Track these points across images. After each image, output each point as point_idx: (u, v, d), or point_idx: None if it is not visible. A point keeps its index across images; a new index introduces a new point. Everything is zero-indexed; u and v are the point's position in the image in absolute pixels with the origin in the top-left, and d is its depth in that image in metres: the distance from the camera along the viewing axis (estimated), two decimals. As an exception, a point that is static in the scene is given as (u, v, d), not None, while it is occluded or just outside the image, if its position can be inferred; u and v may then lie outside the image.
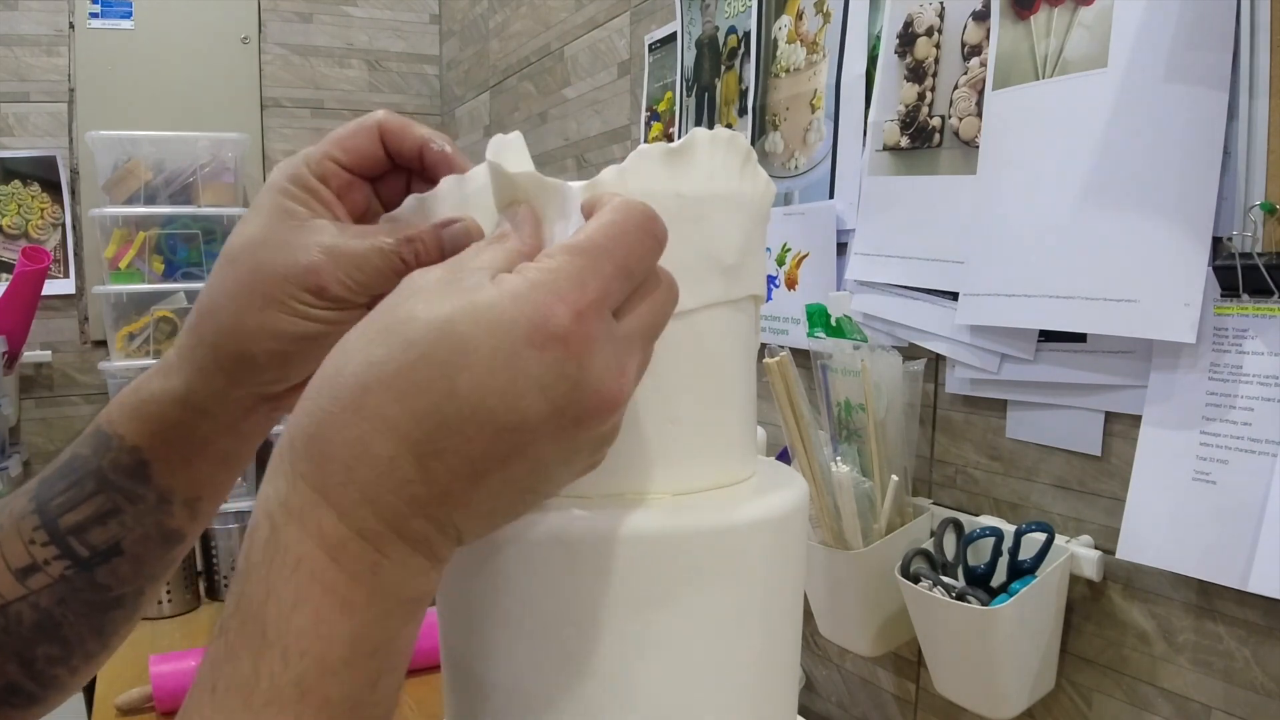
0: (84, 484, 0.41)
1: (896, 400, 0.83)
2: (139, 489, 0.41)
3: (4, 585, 0.40)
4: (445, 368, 0.28)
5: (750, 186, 0.42)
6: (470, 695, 0.42)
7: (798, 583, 0.45)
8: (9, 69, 1.92)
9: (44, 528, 0.41)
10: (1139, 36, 0.66)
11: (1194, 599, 0.66)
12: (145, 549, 0.42)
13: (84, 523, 0.41)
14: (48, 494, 0.41)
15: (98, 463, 0.41)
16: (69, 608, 0.41)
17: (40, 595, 0.41)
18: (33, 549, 0.41)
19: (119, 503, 0.41)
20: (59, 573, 0.41)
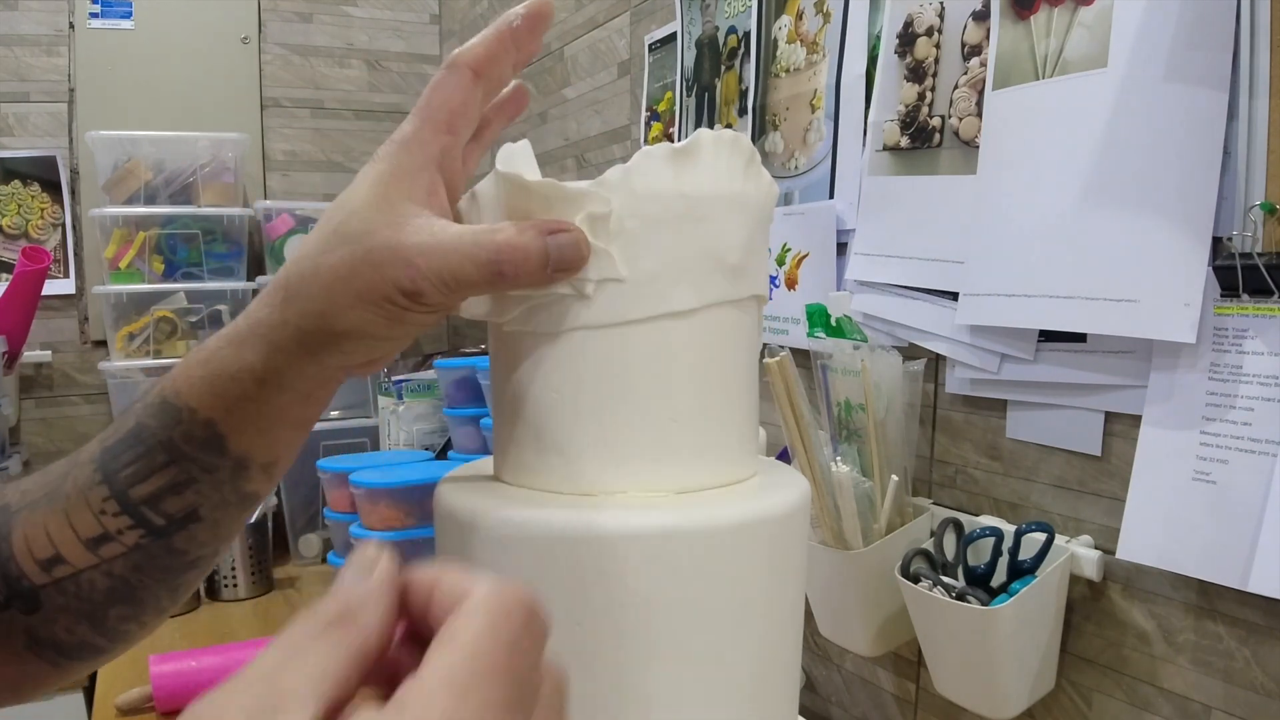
0: (154, 455, 0.40)
1: (896, 400, 0.83)
2: (214, 459, 0.41)
3: (75, 555, 0.41)
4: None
5: (754, 187, 0.42)
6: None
7: (798, 583, 0.45)
8: (9, 69, 1.92)
9: (114, 498, 0.40)
10: (1139, 36, 0.66)
11: (1194, 599, 0.66)
12: (223, 513, 0.42)
13: (157, 493, 0.41)
14: (114, 465, 0.41)
15: (168, 435, 0.40)
16: (144, 573, 0.42)
17: (114, 563, 0.41)
18: (104, 519, 0.40)
19: (194, 473, 0.41)
20: (134, 541, 0.41)
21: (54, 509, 0.41)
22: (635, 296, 0.39)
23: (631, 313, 0.39)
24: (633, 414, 0.40)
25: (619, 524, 0.38)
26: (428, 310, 0.37)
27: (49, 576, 0.41)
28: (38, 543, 0.41)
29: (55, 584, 0.41)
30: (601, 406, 0.40)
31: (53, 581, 0.41)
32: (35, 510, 0.41)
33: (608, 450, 0.40)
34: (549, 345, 0.40)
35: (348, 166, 2.21)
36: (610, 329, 0.39)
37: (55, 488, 0.41)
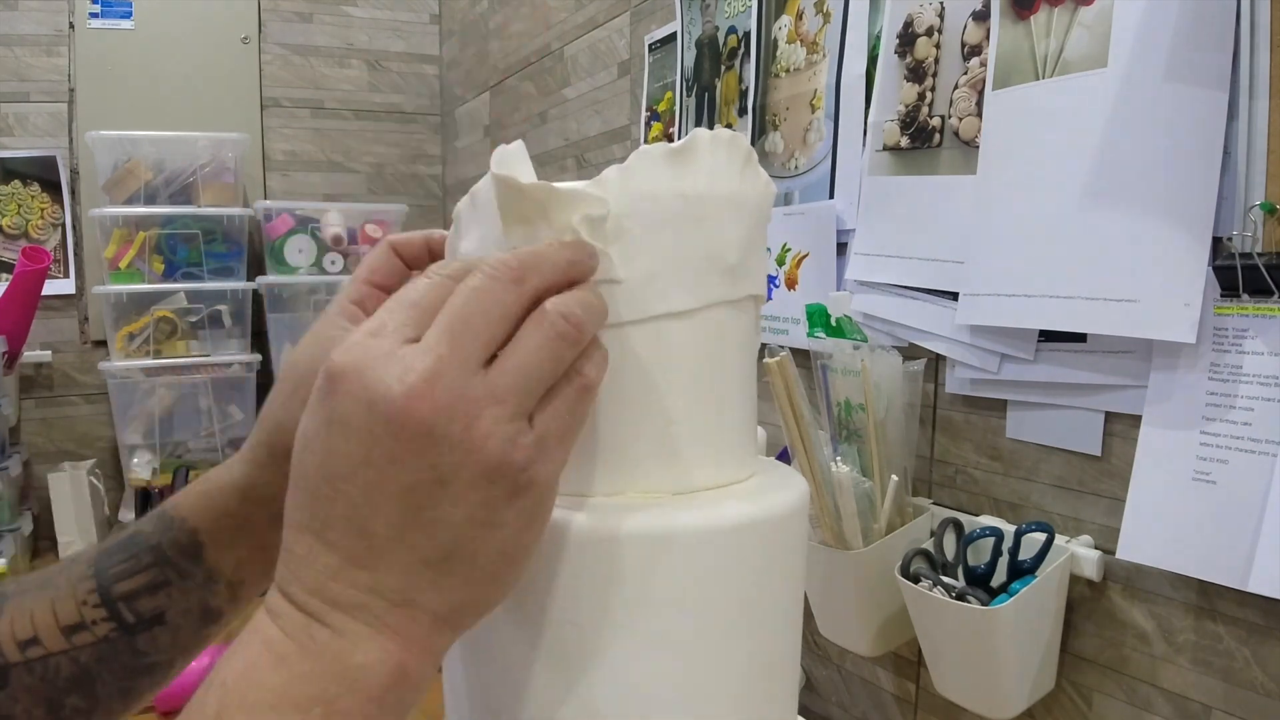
0: (141, 557, 0.45)
1: (896, 400, 0.83)
2: (190, 567, 0.46)
3: (50, 639, 0.44)
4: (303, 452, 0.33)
5: (751, 187, 0.42)
6: (470, 695, 0.42)
7: (798, 583, 0.45)
8: (9, 69, 1.92)
9: (98, 591, 0.45)
10: (1139, 36, 0.66)
11: (1194, 599, 0.66)
12: (186, 621, 0.46)
13: (135, 591, 0.45)
14: (106, 563, 0.46)
15: (158, 539, 0.46)
16: (105, 666, 0.45)
17: (81, 651, 0.44)
18: (84, 609, 0.45)
19: (170, 576, 0.45)
20: (104, 634, 0.45)
21: (43, 597, 0.45)
22: (633, 297, 0.39)
23: (629, 313, 0.39)
24: (631, 415, 0.40)
25: (618, 525, 0.38)
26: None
27: (22, 656, 0.44)
28: (20, 625, 0.44)
29: (26, 664, 0.44)
30: (599, 407, 0.40)
31: (24, 661, 0.44)
32: (25, 597, 0.45)
33: (607, 451, 0.40)
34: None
35: (348, 166, 2.21)
36: (608, 329, 0.39)
37: (49, 579, 0.46)
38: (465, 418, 0.31)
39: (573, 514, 0.39)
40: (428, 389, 0.31)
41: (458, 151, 2.19)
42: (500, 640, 0.40)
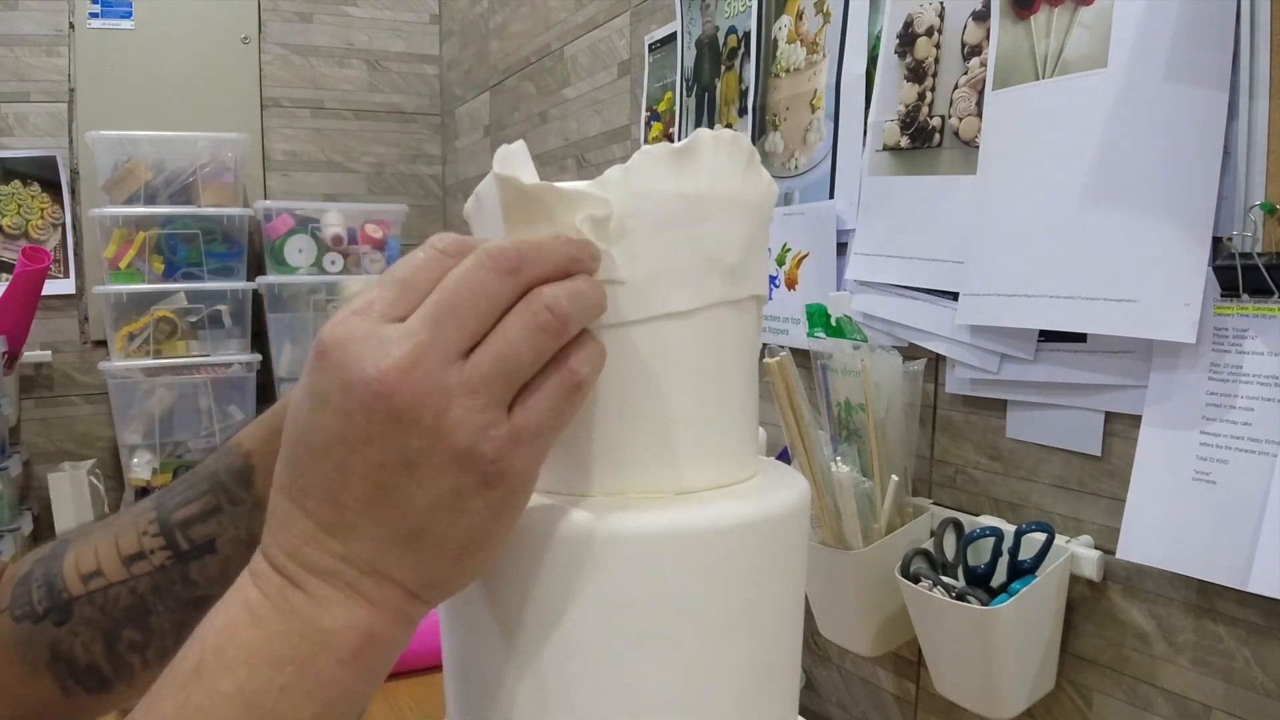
0: (199, 485, 0.47)
1: (896, 400, 0.83)
2: (241, 493, 0.46)
3: (111, 569, 0.46)
4: (291, 421, 0.34)
5: (753, 187, 0.42)
6: (471, 694, 0.42)
7: (798, 583, 0.45)
8: (9, 69, 1.92)
9: (157, 520, 0.46)
10: (1139, 36, 0.66)
11: (1194, 599, 0.66)
12: (234, 551, 0.47)
13: (190, 518, 0.46)
14: (168, 496, 0.47)
15: (215, 467, 0.47)
16: (160, 597, 0.47)
17: (139, 581, 0.46)
18: (144, 539, 0.46)
19: (221, 502, 0.46)
20: (160, 562, 0.46)
21: (107, 532, 0.47)
22: (634, 297, 0.39)
23: (631, 313, 0.39)
24: (632, 414, 0.40)
25: (618, 525, 0.38)
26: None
27: (85, 589, 0.46)
28: (85, 559, 0.46)
29: (88, 595, 0.46)
30: (601, 407, 0.40)
31: (86, 594, 0.46)
32: (90, 535, 0.47)
33: (607, 451, 0.40)
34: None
35: (348, 166, 2.21)
36: (609, 329, 0.39)
37: (115, 518, 0.48)
38: (437, 406, 0.31)
39: (573, 514, 0.39)
40: (402, 375, 0.31)
41: (458, 151, 2.19)
42: (501, 640, 0.40)
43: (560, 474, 0.41)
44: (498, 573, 0.39)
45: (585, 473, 0.41)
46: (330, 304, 1.96)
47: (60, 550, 0.47)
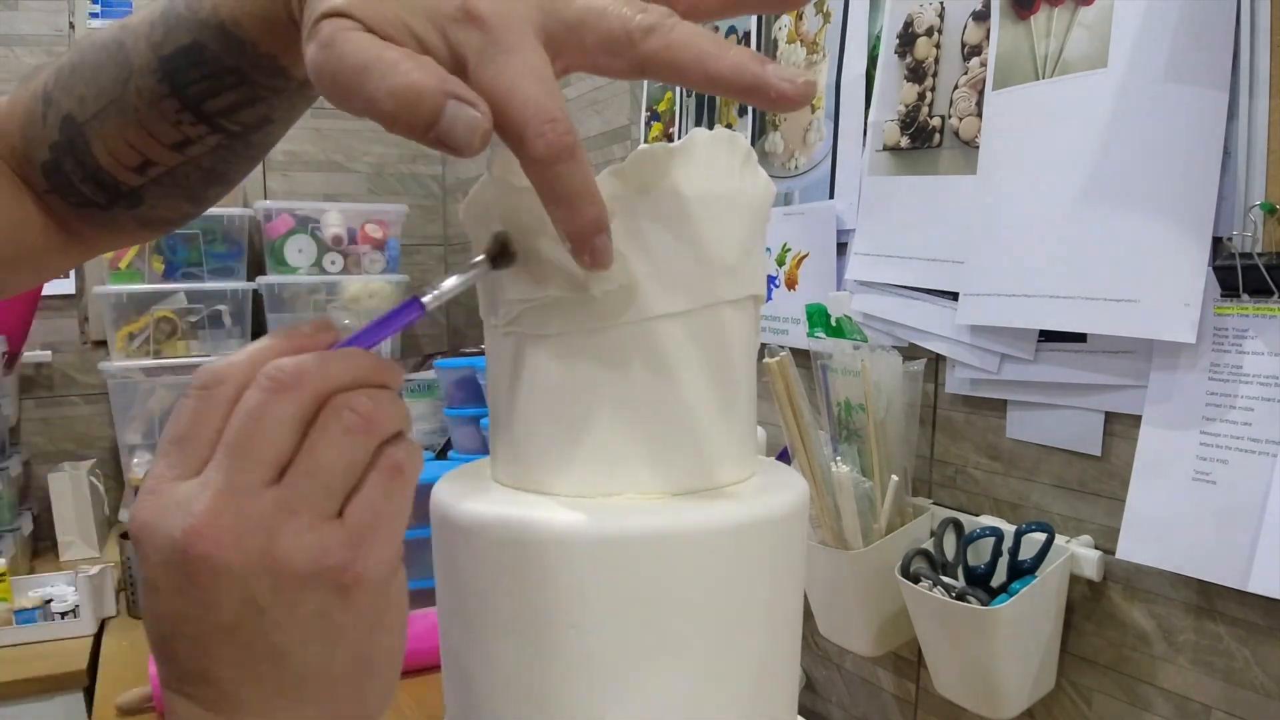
0: (221, 77, 0.40)
1: (896, 400, 0.83)
2: (281, 82, 0.41)
3: (162, 157, 0.43)
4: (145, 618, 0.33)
5: (750, 186, 0.42)
6: (470, 695, 0.42)
7: (798, 583, 0.45)
8: (9, 69, 1.92)
9: (188, 110, 0.41)
10: (1139, 36, 0.66)
11: (1194, 599, 0.66)
12: (295, 113, 0.44)
13: (230, 107, 0.42)
14: (182, 79, 0.41)
15: (233, 62, 0.40)
16: (230, 162, 0.45)
17: (201, 159, 0.44)
18: (183, 128, 0.42)
19: (261, 92, 0.41)
20: (215, 143, 0.43)
21: (127, 120, 0.42)
22: (632, 297, 0.39)
23: (628, 314, 0.39)
24: (630, 415, 0.40)
25: (617, 526, 0.38)
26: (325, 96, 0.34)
27: (144, 177, 0.44)
28: (122, 152, 0.43)
29: (153, 181, 0.44)
30: (598, 408, 0.40)
31: (150, 180, 0.44)
32: (107, 121, 0.42)
33: (605, 452, 0.40)
34: (546, 347, 0.40)
35: (348, 166, 2.21)
36: (607, 330, 0.39)
37: (118, 96, 0.42)
38: (261, 542, 0.30)
39: (572, 515, 0.38)
40: (210, 526, 0.29)
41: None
42: (500, 640, 0.40)
43: (558, 476, 0.41)
44: (496, 573, 0.39)
45: (584, 473, 0.41)
46: (330, 304, 1.96)
47: (78, 140, 0.43)
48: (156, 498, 0.31)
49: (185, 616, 0.30)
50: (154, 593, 0.31)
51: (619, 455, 0.40)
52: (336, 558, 0.31)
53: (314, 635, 0.31)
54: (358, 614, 0.32)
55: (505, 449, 0.43)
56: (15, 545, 1.66)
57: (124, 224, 0.47)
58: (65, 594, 1.54)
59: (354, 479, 0.32)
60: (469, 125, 0.30)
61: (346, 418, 0.31)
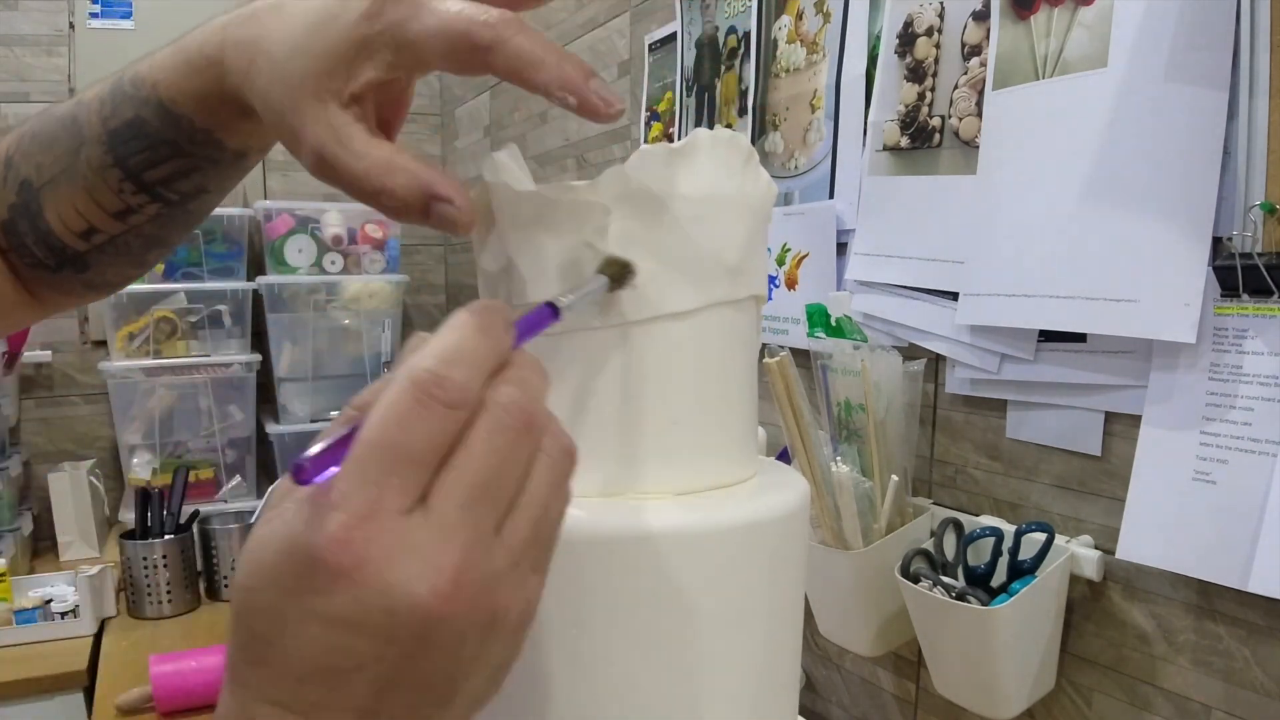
0: (159, 149, 0.44)
1: (896, 400, 0.83)
2: (217, 153, 0.44)
3: (107, 225, 0.46)
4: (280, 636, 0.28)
5: (752, 187, 0.42)
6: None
7: (798, 583, 0.45)
8: (9, 69, 1.92)
9: (130, 180, 0.44)
10: (1139, 36, 0.66)
11: (1194, 599, 0.66)
12: (229, 183, 0.47)
13: (167, 178, 0.45)
14: (125, 150, 0.44)
15: (172, 135, 0.43)
16: (169, 229, 0.48)
17: (142, 226, 0.46)
18: (124, 197, 0.45)
19: (199, 163, 0.45)
20: (155, 211, 0.46)
21: (76, 186, 0.45)
22: (633, 297, 0.39)
23: (630, 314, 0.39)
24: (631, 415, 0.40)
25: (618, 525, 0.38)
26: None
27: (89, 244, 0.46)
28: (70, 218, 0.46)
29: (97, 249, 0.47)
30: (600, 408, 0.40)
31: (94, 248, 0.47)
32: (58, 187, 0.45)
33: (606, 452, 0.40)
34: (547, 347, 0.40)
35: (348, 166, 2.21)
36: (608, 330, 0.39)
37: (69, 165, 0.45)
38: (490, 600, 0.29)
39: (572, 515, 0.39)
40: (456, 588, 0.28)
41: (457, 151, 2.19)
42: (500, 640, 0.40)
43: None
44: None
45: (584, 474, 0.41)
46: (330, 304, 1.96)
47: (33, 204, 0.46)
48: (380, 530, 0.27)
49: (380, 660, 0.28)
50: (343, 629, 0.27)
51: (619, 455, 0.40)
52: (534, 608, 0.31)
53: (485, 673, 0.31)
54: (520, 648, 0.32)
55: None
56: (15, 545, 1.66)
57: (71, 286, 0.49)
58: (65, 594, 1.54)
59: (559, 526, 0.32)
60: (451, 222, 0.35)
61: (564, 464, 0.31)
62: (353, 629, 0.27)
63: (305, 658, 0.28)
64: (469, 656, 0.29)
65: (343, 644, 0.28)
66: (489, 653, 0.30)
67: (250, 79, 0.38)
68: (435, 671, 0.29)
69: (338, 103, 0.36)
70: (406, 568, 0.27)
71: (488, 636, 0.29)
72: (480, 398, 0.29)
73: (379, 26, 0.35)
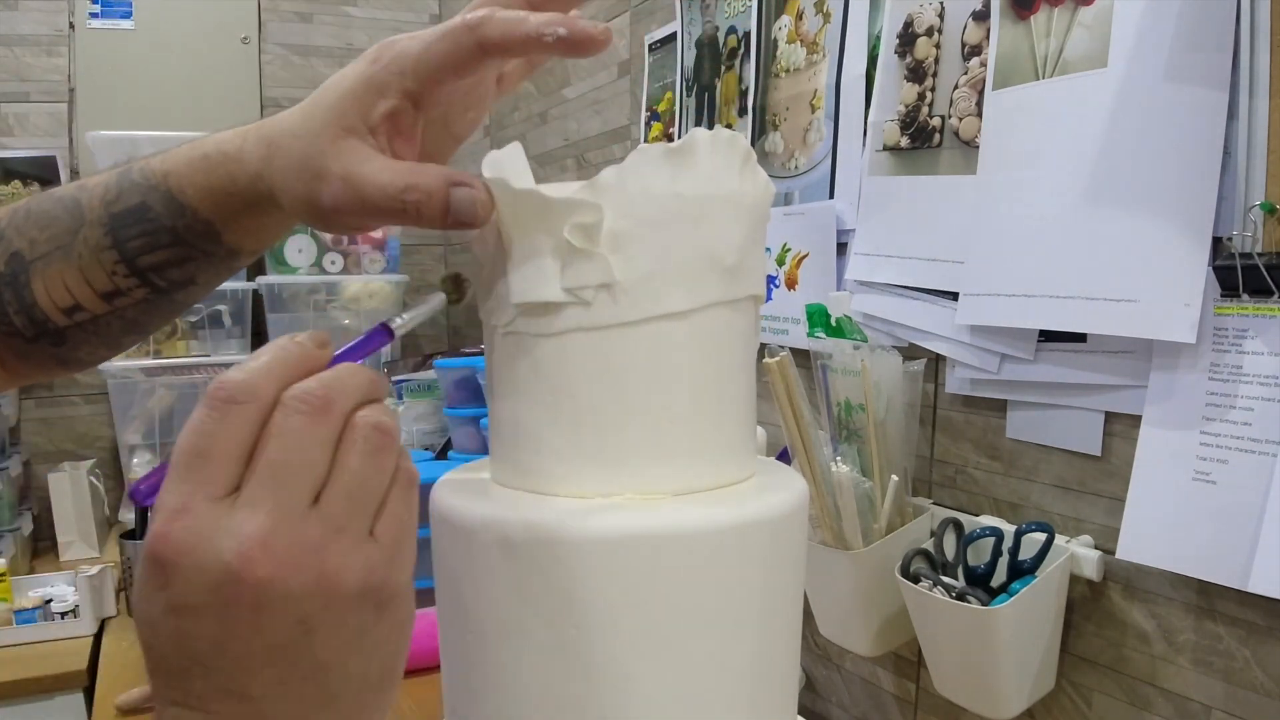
0: (158, 235, 0.46)
1: (896, 400, 0.83)
2: (211, 247, 0.47)
3: (91, 304, 0.47)
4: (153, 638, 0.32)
5: (750, 186, 0.42)
6: (470, 695, 0.42)
7: (798, 583, 0.45)
8: (9, 69, 1.92)
9: (124, 263, 0.46)
10: (1139, 36, 0.66)
11: (1194, 599, 0.66)
12: (216, 279, 0.49)
13: (161, 265, 0.47)
14: (124, 235, 0.46)
15: (173, 223, 0.46)
16: (151, 315, 0.49)
17: (125, 311, 0.48)
18: (115, 279, 0.47)
19: (193, 254, 0.47)
20: (141, 296, 0.48)
21: (69, 264, 0.47)
22: (631, 298, 0.39)
23: (628, 314, 0.39)
24: (630, 416, 0.40)
25: (617, 526, 0.38)
26: (348, 226, 0.42)
27: (71, 320, 0.48)
28: (58, 293, 0.47)
29: (77, 325, 0.48)
30: (598, 409, 0.40)
31: (75, 324, 0.48)
32: (51, 263, 0.47)
33: (605, 453, 0.40)
34: (545, 347, 0.40)
35: (348, 166, 2.21)
36: (606, 330, 0.39)
37: (66, 244, 0.47)
38: (313, 564, 0.31)
39: (573, 515, 0.38)
40: (265, 551, 0.30)
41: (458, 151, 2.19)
42: (501, 643, 0.40)
43: (557, 476, 0.41)
44: (496, 573, 0.39)
45: (584, 474, 0.41)
46: (330, 304, 1.96)
47: (21, 275, 0.47)
48: (191, 518, 0.30)
49: (229, 637, 0.30)
50: (187, 614, 0.30)
51: (619, 455, 0.40)
52: (379, 575, 0.32)
53: (354, 650, 0.32)
54: (391, 626, 0.33)
55: (505, 449, 0.43)
56: (15, 545, 1.66)
57: (43, 359, 0.50)
58: (65, 594, 1.54)
59: (381, 495, 0.33)
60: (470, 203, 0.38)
61: (375, 438, 0.33)
62: (193, 612, 0.30)
63: (173, 652, 0.31)
64: (321, 625, 0.31)
65: (192, 629, 0.30)
66: (345, 623, 0.32)
67: (269, 162, 0.42)
68: (289, 643, 0.31)
69: (357, 138, 0.39)
70: (219, 543, 0.30)
71: (330, 602, 0.31)
72: (274, 396, 0.32)
73: (383, 63, 0.39)
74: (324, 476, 0.32)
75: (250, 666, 0.31)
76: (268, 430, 0.31)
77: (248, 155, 0.43)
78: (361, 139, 0.39)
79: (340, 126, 0.39)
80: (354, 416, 0.33)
